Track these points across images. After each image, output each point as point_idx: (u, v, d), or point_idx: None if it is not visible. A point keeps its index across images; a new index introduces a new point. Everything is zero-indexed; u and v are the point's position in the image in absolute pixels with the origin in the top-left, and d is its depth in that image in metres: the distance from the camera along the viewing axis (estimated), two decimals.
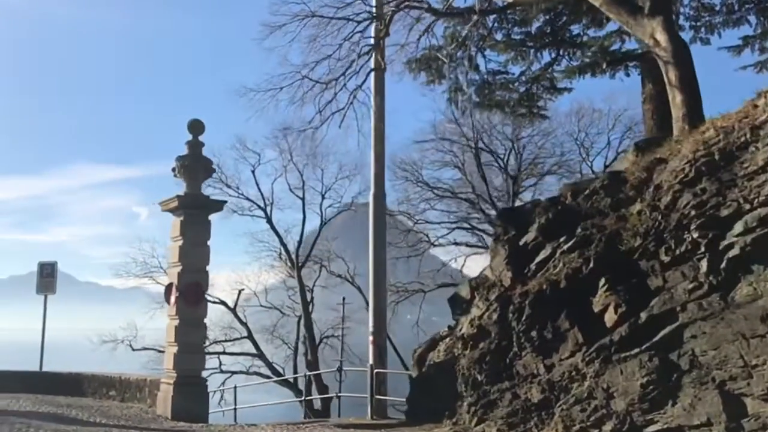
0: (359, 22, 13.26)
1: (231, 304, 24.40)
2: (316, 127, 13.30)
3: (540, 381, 8.49)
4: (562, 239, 9.11)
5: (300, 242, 24.83)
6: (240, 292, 24.93)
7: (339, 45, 13.50)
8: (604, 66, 15.82)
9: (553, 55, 17.85)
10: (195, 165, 12.77)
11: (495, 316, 9.40)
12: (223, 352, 24.32)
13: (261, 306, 26.05)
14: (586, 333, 8.06)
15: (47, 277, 17.04)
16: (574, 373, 8.05)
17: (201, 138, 12.95)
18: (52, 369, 16.51)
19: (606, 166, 21.71)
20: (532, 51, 17.88)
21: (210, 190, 26.01)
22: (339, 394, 14.51)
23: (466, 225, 25.36)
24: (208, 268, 12.78)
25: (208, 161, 13.08)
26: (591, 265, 8.36)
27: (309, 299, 24.68)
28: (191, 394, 12.06)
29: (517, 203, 22.17)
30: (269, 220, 24.99)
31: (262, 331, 25.43)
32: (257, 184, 25.18)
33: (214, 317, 26.58)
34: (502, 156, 23.44)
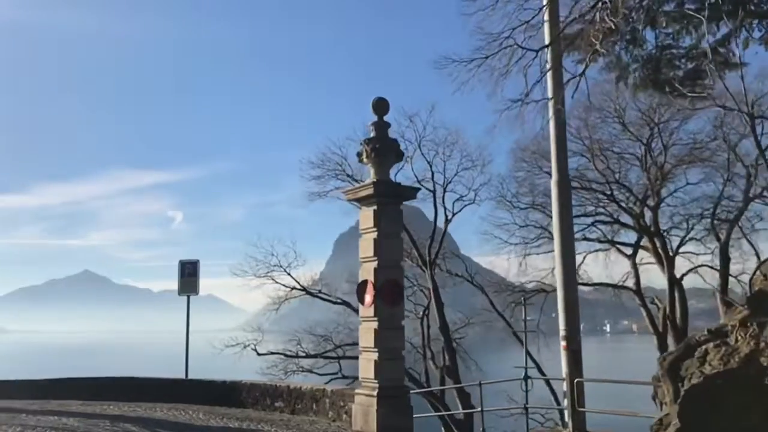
0: None
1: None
2: (521, 101, 11.64)
3: None
4: None
5: (432, 238, 23.24)
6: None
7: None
8: None
9: (731, 28, 16.18)
10: (385, 148, 11.35)
11: None
12: (343, 356, 22.96)
13: None
14: None
15: (189, 276, 15.79)
16: None
17: (386, 118, 11.56)
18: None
19: None
20: (705, 23, 16.25)
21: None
22: (528, 405, 12.94)
23: (607, 218, 23.48)
24: (402, 263, 11.34)
25: (396, 144, 11.62)
26: None
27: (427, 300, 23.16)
28: (397, 408, 10.59)
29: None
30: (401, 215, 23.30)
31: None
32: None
33: (326, 318, 25.31)
34: (646, 142, 21.44)
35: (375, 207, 11.09)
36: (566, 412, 12.36)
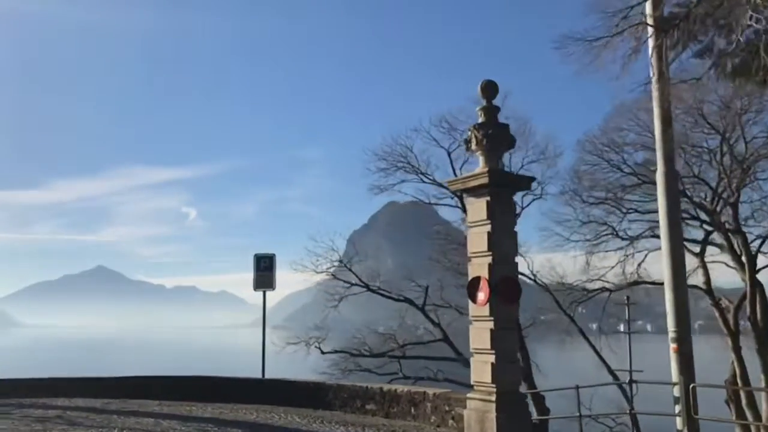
0: None
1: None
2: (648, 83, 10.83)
3: None
4: None
5: None
6: (427, 288, 22.72)
7: None
8: None
9: None
10: (498, 134, 10.56)
11: None
12: (403, 356, 22.22)
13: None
14: None
15: (265, 270, 15.10)
16: None
17: (494, 102, 10.77)
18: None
19: None
20: None
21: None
22: (633, 411, 12.14)
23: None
24: (516, 259, 10.57)
25: (508, 129, 10.82)
26: None
27: None
28: (516, 414, 9.84)
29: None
30: (464, 209, 22.56)
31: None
32: (453, 167, 22.76)
33: (342, 317, 24.44)
34: (722, 133, 20.39)
35: (488, 198, 10.31)
36: (678, 420, 11.58)
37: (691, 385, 11.39)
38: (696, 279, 23.12)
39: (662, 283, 25.16)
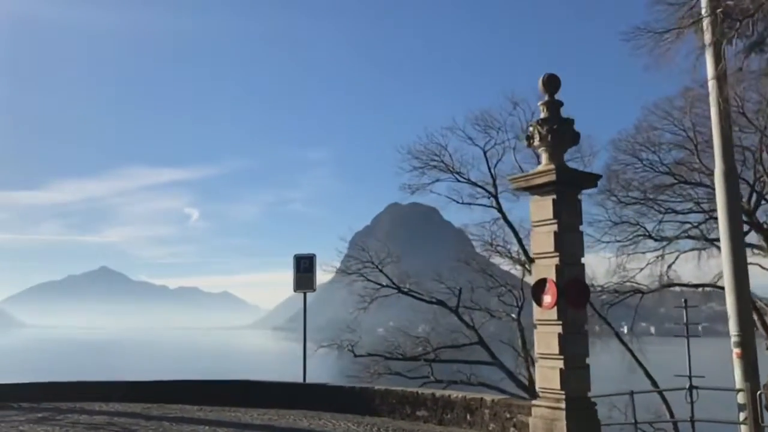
0: None
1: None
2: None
3: None
4: None
5: None
6: (461, 291, 22.31)
7: None
8: None
9: None
10: (563, 129, 10.18)
11: None
12: (435, 360, 21.80)
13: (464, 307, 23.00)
14: None
15: (305, 272, 14.63)
16: None
17: (557, 96, 10.36)
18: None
19: None
20: None
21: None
22: (694, 419, 11.66)
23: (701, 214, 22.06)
24: (583, 260, 10.15)
25: (572, 124, 10.40)
26: None
27: (521, 300, 21.95)
28: (587, 422, 9.43)
29: None
30: (500, 209, 22.18)
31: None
32: (489, 166, 22.32)
33: (346, 318, 23.94)
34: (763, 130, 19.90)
35: (554, 196, 9.93)
36: (743, 428, 11.14)
37: (758, 393, 10.95)
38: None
39: (694, 286, 24.81)
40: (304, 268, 14.61)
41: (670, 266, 24.01)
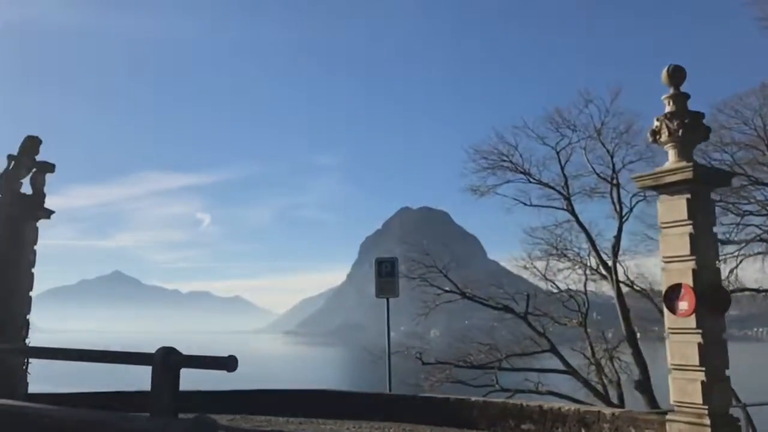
0: None
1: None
2: None
3: None
4: None
5: (618, 239, 20.95)
6: (528, 297, 21.59)
7: None
8: None
9: None
10: (693, 124, 9.47)
11: None
12: (500, 368, 21.08)
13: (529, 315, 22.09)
14: None
15: (387, 276, 13.89)
16: None
17: (682, 89, 9.66)
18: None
19: None
20: None
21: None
22: None
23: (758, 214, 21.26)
24: (717, 264, 9.45)
25: (701, 118, 9.68)
26: None
27: (585, 306, 21.19)
28: None
29: None
30: (572, 211, 21.34)
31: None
32: (561, 166, 21.55)
33: (358, 322, 23.35)
34: None
35: (688, 195, 9.23)
36: None
37: None
38: None
39: (757, 290, 23.85)
40: (386, 272, 13.84)
41: (732, 271, 23.17)
